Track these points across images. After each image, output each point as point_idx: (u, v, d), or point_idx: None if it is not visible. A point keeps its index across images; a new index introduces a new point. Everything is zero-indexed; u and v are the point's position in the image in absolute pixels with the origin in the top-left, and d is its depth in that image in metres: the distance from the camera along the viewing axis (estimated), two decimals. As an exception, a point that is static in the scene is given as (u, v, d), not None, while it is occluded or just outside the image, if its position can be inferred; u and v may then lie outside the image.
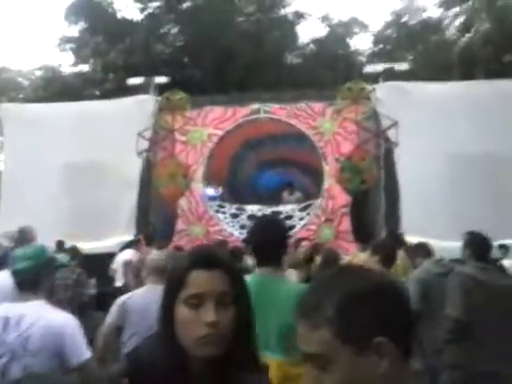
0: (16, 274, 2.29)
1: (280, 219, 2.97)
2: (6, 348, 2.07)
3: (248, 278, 2.46)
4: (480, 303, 3.26)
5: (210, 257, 1.22)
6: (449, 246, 6.22)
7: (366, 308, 0.83)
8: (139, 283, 4.55)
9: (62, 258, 7.79)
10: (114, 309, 3.56)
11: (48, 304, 2.30)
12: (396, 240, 6.99)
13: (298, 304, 0.91)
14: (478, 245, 3.64)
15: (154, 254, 4.27)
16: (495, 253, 6.99)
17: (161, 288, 3.82)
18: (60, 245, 8.21)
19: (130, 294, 3.74)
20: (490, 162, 9.20)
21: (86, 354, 2.18)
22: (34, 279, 2.27)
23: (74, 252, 6.90)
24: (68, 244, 7.89)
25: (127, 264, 7.22)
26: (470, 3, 19.17)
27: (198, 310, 1.14)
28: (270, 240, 2.41)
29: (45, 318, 2.14)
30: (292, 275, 5.01)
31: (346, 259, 5.58)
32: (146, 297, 3.50)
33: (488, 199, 8.94)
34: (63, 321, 2.19)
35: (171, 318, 1.18)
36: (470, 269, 3.52)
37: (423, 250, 4.92)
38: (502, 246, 7.73)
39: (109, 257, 8.35)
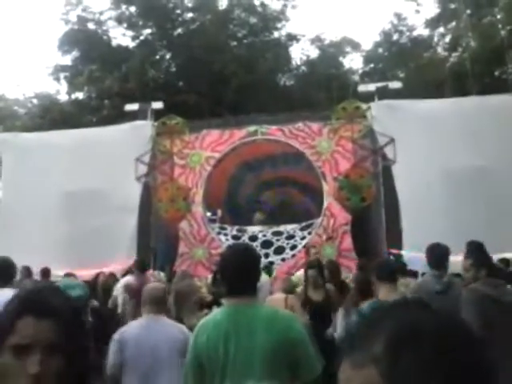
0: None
1: (252, 246, 2.85)
2: None
3: (220, 310, 2.44)
4: (495, 320, 3.29)
5: (41, 304, 1.11)
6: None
7: (421, 349, 0.65)
8: (137, 311, 4.48)
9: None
10: (112, 346, 3.39)
11: None
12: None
13: (344, 340, 0.81)
14: (491, 265, 3.73)
15: (153, 284, 4.25)
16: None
17: (158, 318, 3.53)
18: (44, 273, 8.04)
19: (125, 327, 3.63)
20: (483, 175, 9.30)
21: None
22: None
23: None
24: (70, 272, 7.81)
25: (127, 287, 6.96)
26: (454, 23, 19.61)
27: (24, 359, 1.05)
28: (242, 270, 2.30)
29: None
30: (292, 299, 4.86)
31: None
32: (142, 329, 3.43)
33: (484, 212, 9.00)
34: None
35: None
36: (482, 286, 3.58)
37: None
38: (502, 260, 7.70)
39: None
